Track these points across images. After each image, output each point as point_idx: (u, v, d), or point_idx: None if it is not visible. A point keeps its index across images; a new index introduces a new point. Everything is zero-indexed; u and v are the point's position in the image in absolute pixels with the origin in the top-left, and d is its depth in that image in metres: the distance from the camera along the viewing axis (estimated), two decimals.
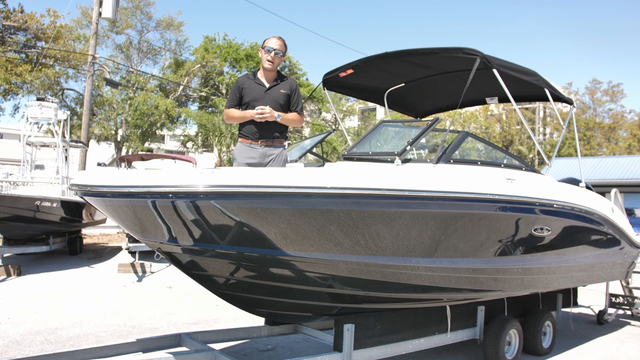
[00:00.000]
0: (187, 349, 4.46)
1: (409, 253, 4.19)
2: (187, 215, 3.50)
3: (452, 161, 4.45)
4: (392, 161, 4.29)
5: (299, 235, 3.74)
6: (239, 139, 4.78)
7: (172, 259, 4.05)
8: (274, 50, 4.66)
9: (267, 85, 4.72)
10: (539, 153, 42.22)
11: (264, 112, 4.50)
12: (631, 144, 44.50)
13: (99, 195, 3.47)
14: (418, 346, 4.96)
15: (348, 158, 4.67)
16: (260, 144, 4.65)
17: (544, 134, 45.96)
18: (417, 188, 3.95)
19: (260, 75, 4.77)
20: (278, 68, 4.84)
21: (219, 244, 3.72)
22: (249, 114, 4.58)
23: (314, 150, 6.08)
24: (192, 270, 4.12)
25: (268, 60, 4.67)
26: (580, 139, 40.89)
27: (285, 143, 4.89)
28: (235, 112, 4.71)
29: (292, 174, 3.58)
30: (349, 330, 4.32)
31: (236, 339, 5.10)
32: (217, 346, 4.86)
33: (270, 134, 4.66)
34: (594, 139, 44.57)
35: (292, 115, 4.75)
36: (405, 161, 4.34)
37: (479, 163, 4.73)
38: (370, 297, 4.46)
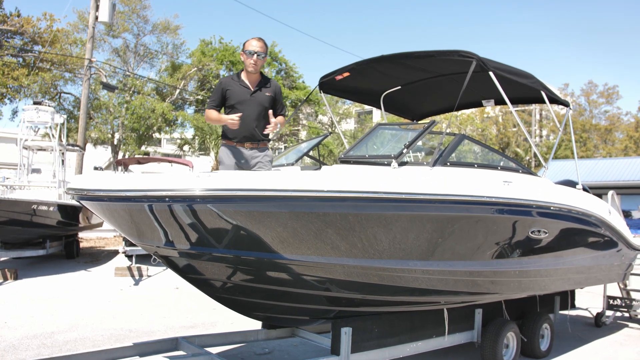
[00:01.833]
0: (184, 353, 4.45)
1: (406, 256, 4.18)
2: (183, 219, 3.49)
3: (448, 164, 4.46)
4: (388, 164, 4.29)
5: (296, 239, 3.74)
6: (223, 141, 4.79)
7: (169, 263, 4.04)
8: (256, 52, 4.66)
9: (252, 89, 4.73)
10: (535, 155, 42.32)
11: (276, 126, 4.61)
12: (627, 145, 44.65)
13: (95, 199, 3.47)
14: (416, 349, 4.95)
15: (345, 161, 4.67)
16: (247, 147, 4.70)
17: (541, 136, 46.08)
18: (414, 191, 3.95)
19: (244, 77, 4.77)
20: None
21: (215, 248, 3.72)
22: (225, 118, 4.59)
23: (311, 153, 6.08)
24: (189, 274, 4.11)
25: (252, 64, 4.67)
26: (577, 141, 41.01)
27: (269, 145, 4.95)
28: (213, 114, 4.73)
29: (289, 178, 3.58)
30: (346, 333, 4.31)
31: (233, 343, 5.09)
32: (215, 350, 4.84)
33: (255, 136, 4.70)
34: (590, 140, 44.73)
35: (280, 119, 4.81)
36: (402, 164, 4.34)
37: (476, 166, 4.75)
38: (368, 300, 4.46)
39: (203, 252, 3.77)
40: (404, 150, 4.35)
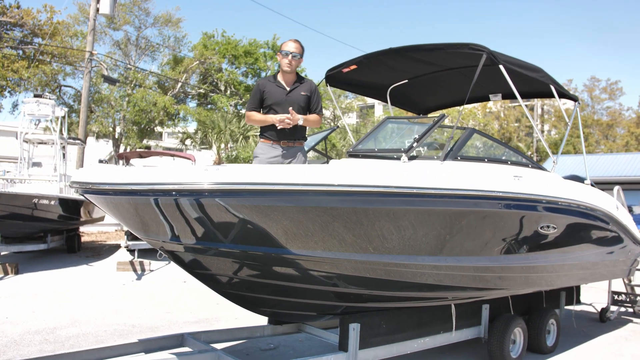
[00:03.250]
0: (190, 349, 4.39)
1: (416, 251, 4.13)
2: (190, 213, 3.43)
3: (459, 158, 4.39)
4: (398, 158, 4.22)
5: (304, 234, 3.68)
6: (261, 140, 4.89)
7: (175, 258, 3.98)
8: (291, 53, 4.76)
9: (288, 89, 4.82)
10: (537, 150, 42.28)
11: (290, 120, 4.59)
12: (629, 141, 44.61)
13: (100, 193, 3.40)
14: (423, 345, 4.91)
15: (353, 155, 4.60)
16: (282, 145, 4.78)
17: (542, 131, 46.00)
18: (426, 185, 3.88)
19: (280, 78, 4.87)
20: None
21: (223, 243, 3.66)
22: (271, 119, 4.69)
23: (317, 147, 6.02)
24: (195, 269, 4.05)
25: (286, 64, 4.77)
26: (578, 136, 40.95)
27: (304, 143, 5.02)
28: (257, 116, 4.82)
29: (299, 171, 3.52)
30: (354, 329, 4.26)
31: (239, 339, 5.04)
32: (219, 346, 4.79)
33: (291, 135, 4.79)
34: (592, 136, 44.66)
35: (313, 117, 4.89)
36: (411, 158, 4.27)
37: (486, 160, 4.68)
38: (375, 296, 4.41)
39: (210, 247, 3.71)
40: (414, 144, 4.28)
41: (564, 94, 6.10)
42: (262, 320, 5.25)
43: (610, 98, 47.37)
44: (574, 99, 6.32)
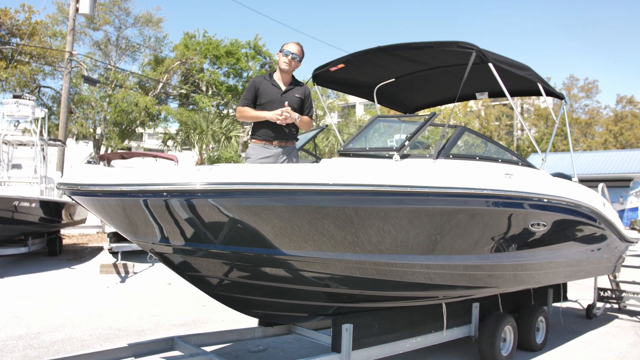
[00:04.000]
0: (181, 353, 4.32)
1: (409, 250, 4.10)
2: (181, 214, 3.36)
3: (451, 156, 4.37)
4: (390, 157, 4.19)
5: (297, 234, 3.63)
6: (252, 140, 4.86)
7: (165, 260, 3.90)
8: (292, 54, 4.80)
9: (283, 89, 4.83)
10: (517, 149, 42.73)
11: (287, 115, 4.57)
12: (607, 139, 45.39)
13: (89, 195, 3.31)
14: (415, 345, 4.89)
15: (344, 154, 4.57)
16: (275, 145, 4.76)
17: (522, 130, 46.57)
18: (419, 184, 3.87)
19: (276, 77, 4.89)
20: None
21: (214, 244, 3.60)
22: (266, 115, 4.65)
23: (305, 147, 5.96)
24: (185, 271, 3.98)
25: (285, 62, 4.80)
26: (558, 134, 41.57)
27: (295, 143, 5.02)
28: (250, 112, 4.79)
29: (293, 171, 3.47)
30: (347, 330, 4.22)
31: (229, 341, 4.96)
32: (209, 348, 4.72)
33: (284, 135, 4.77)
34: (570, 134, 45.39)
35: (307, 119, 4.92)
36: (403, 157, 4.25)
37: (477, 158, 4.68)
38: (367, 296, 4.37)
39: (201, 248, 3.64)
40: (406, 143, 4.26)
41: (551, 92, 6.14)
42: (251, 321, 5.18)
43: (587, 96, 48.18)
44: (560, 97, 6.37)
